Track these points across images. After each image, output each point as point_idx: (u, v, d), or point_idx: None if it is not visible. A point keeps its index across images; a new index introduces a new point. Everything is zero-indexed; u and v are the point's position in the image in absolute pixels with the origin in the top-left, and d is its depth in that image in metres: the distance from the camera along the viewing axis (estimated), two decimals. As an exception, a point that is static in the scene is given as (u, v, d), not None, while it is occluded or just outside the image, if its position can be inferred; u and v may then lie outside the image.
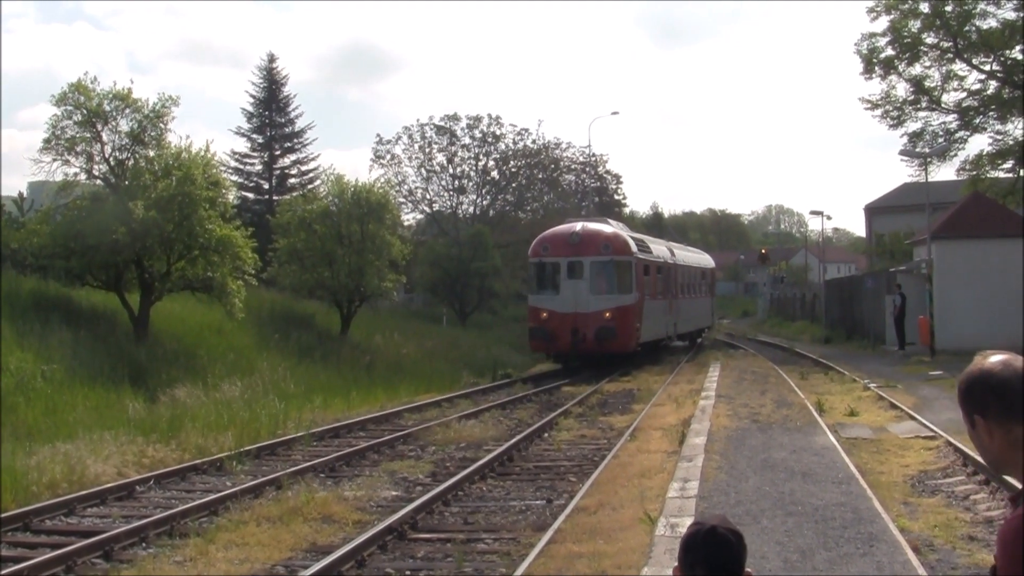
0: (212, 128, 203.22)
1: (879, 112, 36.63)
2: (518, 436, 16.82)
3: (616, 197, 69.15)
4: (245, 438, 16.48)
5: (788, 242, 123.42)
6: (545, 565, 8.66)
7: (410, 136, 59.85)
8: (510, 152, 61.22)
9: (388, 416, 20.44)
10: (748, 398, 19.28)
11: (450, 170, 60.86)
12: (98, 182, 23.20)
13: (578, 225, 31.50)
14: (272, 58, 50.78)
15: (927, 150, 34.40)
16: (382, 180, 38.78)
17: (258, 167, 49.85)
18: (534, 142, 61.69)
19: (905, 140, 36.24)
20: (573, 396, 23.37)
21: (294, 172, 50.28)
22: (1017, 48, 33.88)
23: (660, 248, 36.29)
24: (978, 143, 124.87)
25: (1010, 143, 35.36)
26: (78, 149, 22.48)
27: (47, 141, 22.31)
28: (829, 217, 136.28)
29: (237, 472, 14.21)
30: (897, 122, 36.44)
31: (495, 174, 61.90)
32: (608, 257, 30.08)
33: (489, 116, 60.36)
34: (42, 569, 8.98)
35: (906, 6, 34.44)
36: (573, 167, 64.61)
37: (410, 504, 11.32)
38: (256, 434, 17.09)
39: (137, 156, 23.02)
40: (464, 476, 13.19)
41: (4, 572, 8.77)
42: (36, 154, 22.56)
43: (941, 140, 35.46)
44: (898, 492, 11.45)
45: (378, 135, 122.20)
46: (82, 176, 22.89)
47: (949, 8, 33.74)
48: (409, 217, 59.28)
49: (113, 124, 22.64)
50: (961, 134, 35.83)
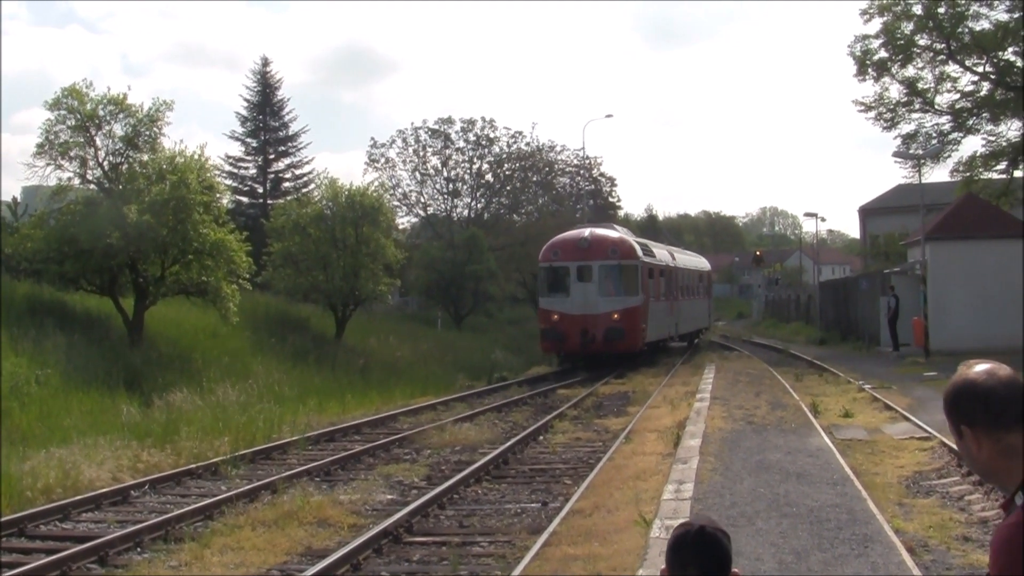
0: (207, 130, 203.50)
1: (873, 114, 36.68)
2: (513, 439, 16.82)
3: (611, 200, 69.26)
4: (240, 442, 16.49)
5: (783, 244, 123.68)
6: (540, 568, 8.67)
7: (404, 139, 59.97)
8: (504, 155, 61.30)
9: (383, 419, 20.43)
10: (743, 400, 19.28)
11: (444, 173, 60.95)
12: (92, 186, 23.19)
13: (586, 231, 32.87)
14: (266, 62, 50.96)
15: (921, 152, 34.41)
16: (376, 183, 38.78)
17: (252, 171, 49.94)
18: (528, 145, 61.82)
19: (899, 142, 36.26)
20: (568, 399, 23.37)
21: (288, 176, 50.39)
22: (1010, 50, 33.96)
23: (662, 252, 37.44)
24: (971, 144, 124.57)
25: (1003, 144, 35.43)
26: (72, 154, 22.50)
27: (41, 146, 22.35)
28: (823, 219, 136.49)
29: (232, 476, 14.19)
30: (891, 124, 36.47)
31: (489, 177, 61.99)
32: (615, 261, 31.20)
33: (483, 119, 60.60)
34: (37, 574, 8.97)
35: (899, 8, 34.47)
36: (568, 170, 64.73)
37: (405, 507, 11.32)
38: (251, 438, 17.09)
39: (131, 160, 23.02)
40: (459, 479, 13.20)
41: (-1, 578, 8.76)
42: (30, 158, 22.59)
43: (935, 142, 35.46)
44: (893, 493, 11.46)
45: (372, 138, 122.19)
46: (76, 181, 22.94)
47: (942, 10, 33.77)
48: (404, 220, 59.42)
49: (107, 128, 22.67)
50: (954, 135, 35.87)
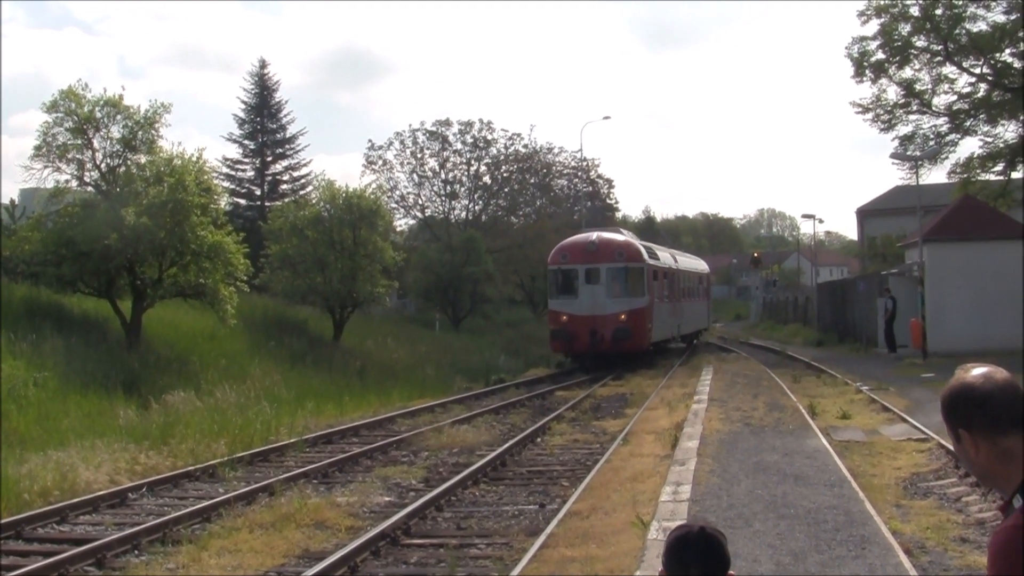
0: (204, 132, 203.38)
1: (870, 115, 36.68)
2: (511, 441, 16.82)
3: (608, 201, 69.28)
4: (238, 444, 16.49)
5: (780, 245, 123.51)
6: (538, 569, 8.67)
7: (402, 142, 59.88)
8: (502, 157, 61.27)
9: (381, 421, 20.42)
10: (740, 402, 19.28)
11: (442, 175, 60.89)
12: (90, 189, 23.17)
13: (594, 235, 33.83)
14: (263, 64, 51.08)
15: (918, 153, 34.43)
16: (374, 186, 38.79)
17: (250, 173, 49.96)
18: (526, 147, 61.80)
19: (896, 143, 36.26)
20: (566, 400, 23.37)
21: (286, 178, 50.43)
22: (1007, 51, 34.00)
23: (665, 255, 38.39)
24: (969, 146, 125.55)
25: (1000, 146, 35.45)
26: (69, 156, 22.49)
27: (38, 148, 22.34)
28: (821, 220, 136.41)
29: (230, 479, 14.19)
30: (888, 125, 36.49)
31: (487, 179, 61.93)
32: (622, 264, 32.19)
33: (481, 121, 60.49)
34: (34, 577, 8.96)
35: (897, 9, 34.50)
36: (565, 172, 64.74)
37: (403, 509, 11.32)
38: (249, 440, 17.08)
39: (129, 163, 23.01)
40: (457, 481, 13.20)
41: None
42: (27, 161, 22.58)
43: (932, 143, 35.48)
44: (890, 494, 11.46)
45: (370, 140, 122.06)
46: (74, 183, 22.93)
47: (939, 11, 33.82)
48: (401, 223, 59.38)
49: (104, 131, 22.65)
50: (952, 137, 35.90)
